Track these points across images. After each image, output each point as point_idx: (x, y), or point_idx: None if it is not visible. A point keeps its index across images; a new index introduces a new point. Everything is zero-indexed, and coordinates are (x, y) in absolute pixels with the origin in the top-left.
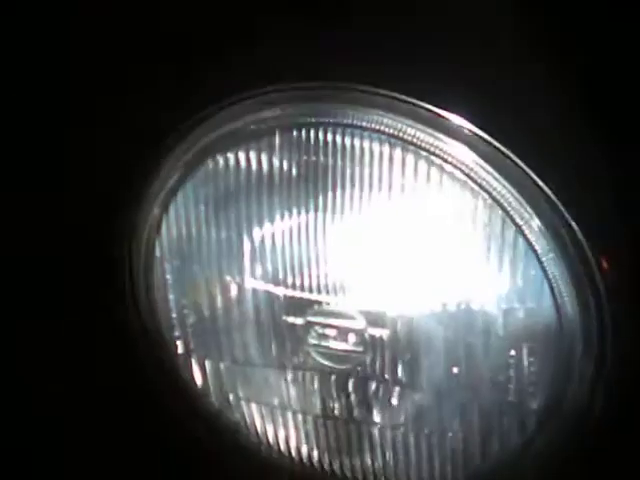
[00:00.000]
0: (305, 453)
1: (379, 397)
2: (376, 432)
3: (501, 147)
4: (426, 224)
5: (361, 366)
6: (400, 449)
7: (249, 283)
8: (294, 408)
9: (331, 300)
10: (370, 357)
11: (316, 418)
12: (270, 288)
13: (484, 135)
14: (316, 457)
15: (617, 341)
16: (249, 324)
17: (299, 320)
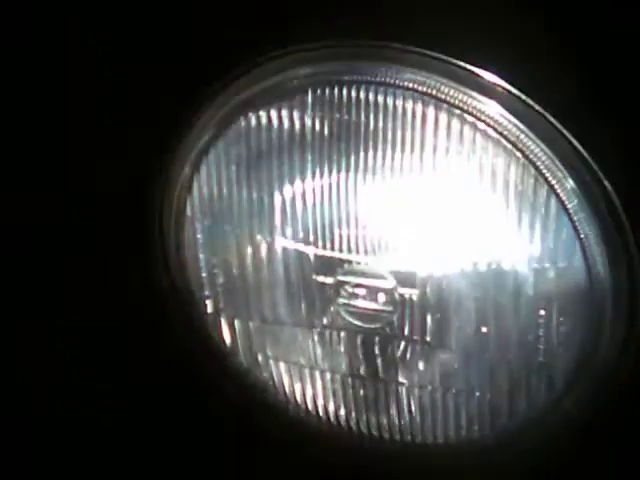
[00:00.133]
0: (332, 411)
1: (407, 357)
2: (403, 391)
3: (535, 105)
4: (458, 183)
5: (390, 326)
6: (427, 408)
7: (279, 242)
8: (322, 367)
9: (361, 260)
10: (399, 317)
11: (344, 377)
12: (300, 247)
13: (518, 93)
14: (343, 416)
15: None
16: (279, 283)
17: (329, 279)
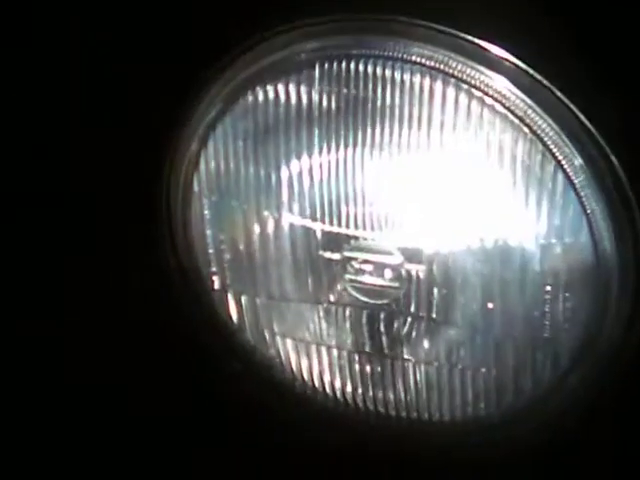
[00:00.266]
0: (339, 388)
1: (413, 333)
2: (409, 367)
3: (543, 80)
4: (465, 160)
5: (396, 302)
6: (433, 385)
7: (286, 218)
8: (329, 344)
9: (368, 235)
10: (406, 293)
11: (350, 353)
12: (307, 223)
13: (526, 67)
14: (349, 392)
15: None
16: (286, 259)
17: (336, 255)
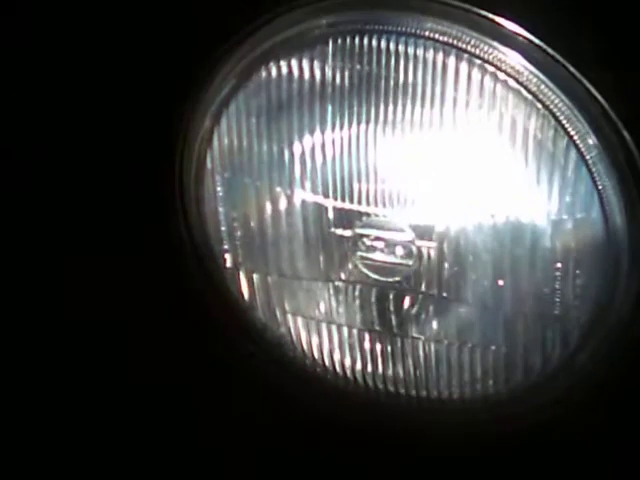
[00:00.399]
0: (349, 366)
1: (423, 310)
2: (419, 345)
3: (556, 55)
4: (477, 137)
5: (407, 279)
6: (443, 362)
7: (298, 195)
8: (339, 322)
9: (380, 212)
10: (417, 270)
11: (360, 331)
12: (319, 200)
13: (539, 43)
14: (359, 370)
15: None
16: (297, 236)
17: (347, 232)
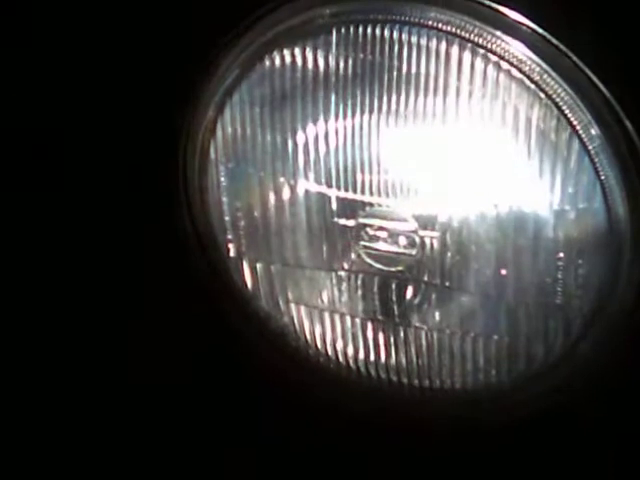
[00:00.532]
0: (351, 355)
1: (426, 300)
2: (422, 335)
3: (560, 45)
4: (480, 127)
5: (410, 269)
6: (445, 352)
7: (302, 185)
8: (341, 311)
9: (383, 202)
10: (419, 260)
11: (363, 320)
12: (323, 190)
13: (542, 32)
14: (362, 359)
15: None
16: (301, 226)
17: (351, 222)
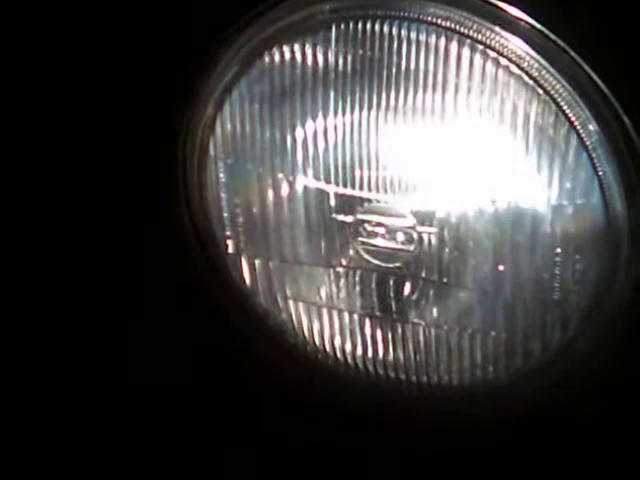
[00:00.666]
0: (349, 352)
1: (424, 296)
2: (420, 331)
3: (558, 41)
4: (479, 123)
5: (408, 265)
6: (443, 348)
7: (300, 181)
8: (339, 307)
9: (381, 198)
10: (417, 255)
11: (361, 317)
12: (321, 186)
13: (541, 28)
14: (360, 356)
15: None
16: (299, 222)
17: (349, 218)
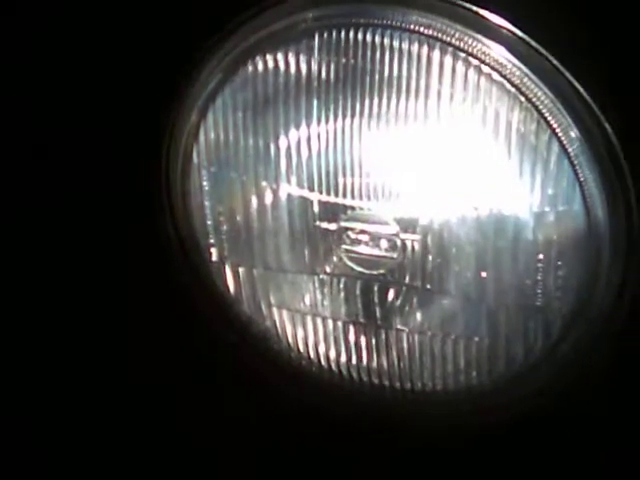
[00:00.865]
0: (333, 359)
1: (407, 303)
2: (403, 337)
3: (540, 48)
4: (461, 130)
5: (391, 272)
6: (427, 354)
7: (284, 189)
8: (323, 314)
9: (365, 206)
10: (401, 263)
11: (345, 324)
12: (305, 193)
13: (523, 36)
14: (344, 362)
15: None
16: (283, 230)
17: (332, 225)
